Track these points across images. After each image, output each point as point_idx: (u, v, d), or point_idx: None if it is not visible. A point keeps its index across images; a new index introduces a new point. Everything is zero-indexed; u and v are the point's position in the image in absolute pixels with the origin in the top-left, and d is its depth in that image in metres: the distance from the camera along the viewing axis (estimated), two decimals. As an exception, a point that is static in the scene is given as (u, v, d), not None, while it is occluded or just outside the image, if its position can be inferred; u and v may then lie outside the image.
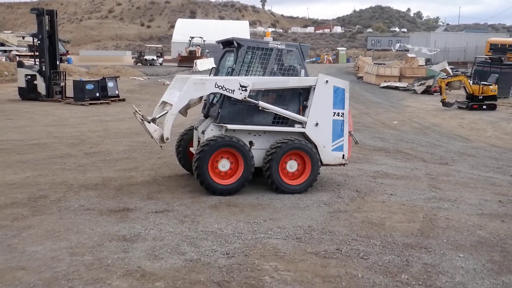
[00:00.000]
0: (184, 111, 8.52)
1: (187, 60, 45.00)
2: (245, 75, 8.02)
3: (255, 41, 8.22)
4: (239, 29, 66.02)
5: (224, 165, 7.69)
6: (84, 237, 5.83)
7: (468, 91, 22.07)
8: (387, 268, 5.26)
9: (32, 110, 18.24)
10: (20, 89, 21.82)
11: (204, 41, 49.62)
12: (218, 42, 8.99)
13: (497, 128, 17.35)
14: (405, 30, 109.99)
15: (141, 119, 7.89)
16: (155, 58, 48.26)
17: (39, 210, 6.82)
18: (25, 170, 9.14)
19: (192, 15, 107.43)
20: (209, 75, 8.51)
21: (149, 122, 7.78)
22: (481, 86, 21.80)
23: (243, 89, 7.57)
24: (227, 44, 8.57)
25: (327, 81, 8.16)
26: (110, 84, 22.21)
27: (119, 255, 5.33)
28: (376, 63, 39.40)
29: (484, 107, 21.61)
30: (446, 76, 26.07)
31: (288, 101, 8.17)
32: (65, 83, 22.22)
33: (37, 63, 22.20)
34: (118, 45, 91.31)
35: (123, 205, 7.14)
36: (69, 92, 21.87)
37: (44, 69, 21.28)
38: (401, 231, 6.44)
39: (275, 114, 8.03)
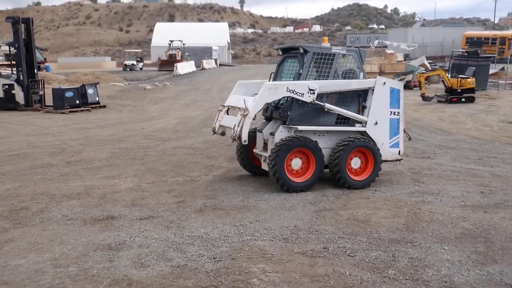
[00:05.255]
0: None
1: (167, 64, 44.77)
2: (311, 79, 8.42)
3: (319, 47, 8.73)
4: (219, 31, 66.00)
5: (296, 163, 8.15)
6: (68, 248, 5.74)
7: (446, 84, 22.37)
8: (374, 264, 5.29)
9: (11, 120, 17.93)
10: (-3, 99, 21.41)
11: (183, 44, 49.41)
12: (277, 48, 9.74)
13: (476, 120, 17.62)
14: (383, 26, 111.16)
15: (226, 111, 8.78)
16: (135, 63, 47.87)
17: (21, 222, 6.70)
18: (5, 182, 8.97)
19: (171, 19, 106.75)
20: (269, 80, 8.95)
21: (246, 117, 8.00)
22: (459, 80, 22.10)
23: (311, 92, 8.09)
24: (287, 50, 9.16)
25: (384, 83, 8.71)
26: (90, 91, 21.97)
27: (105, 265, 5.26)
28: (356, 60, 39.60)
29: (463, 100, 21.92)
30: (424, 71, 26.37)
31: (349, 102, 8.68)
32: (44, 92, 21.91)
33: (14, 72, 21.87)
34: (97, 51, 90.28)
35: (107, 213, 7.05)
36: (49, 101, 21.57)
37: (21, 78, 20.97)
38: (387, 226, 6.49)
39: (338, 114, 8.52)
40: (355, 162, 8.46)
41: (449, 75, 22.72)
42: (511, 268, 5.20)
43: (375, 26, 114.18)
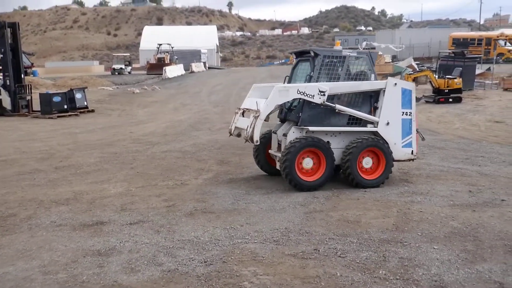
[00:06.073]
0: (267, 117, 8.95)
1: (156, 68, 44.52)
2: (322, 81, 8.59)
3: (330, 50, 9.01)
4: (207, 34, 65.86)
5: (307, 163, 8.34)
6: (57, 255, 5.68)
7: (434, 85, 22.57)
8: (365, 265, 5.31)
9: (-2, 126, 17.72)
10: (-17, 105, 21.16)
11: (172, 47, 49.25)
12: (291, 52, 10.18)
13: (463, 120, 17.80)
14: (370, 28, 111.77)
15: (242, 113, 8.95)
16: (123, 67, 47.57)
17: (9, 229, 6.62)
18: (-8, 188, 8.85)
19: (159, 22, 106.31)
20: (283, 83, 9.16)
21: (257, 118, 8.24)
22: (446, 80, 22.31)
23: (322, 94, 8.28)
24: (300, 54, 9.48)
25: (395, 84, 8.88)
26: (78, 95, 21.81)
27: (94, 271, 5.21)
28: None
29: (451, 100, 22.12)
30: (412, 72, 26.60)
31: (361, 103, 8.86)
32: (31, 97, 21.71)
33: (0, 77, 21.60)
34: (84, 55, 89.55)
35: (96, 219, 7.00)
36: (36, 106, 21.37)
37: (8, 83, 20.76)
38: (377, 227, 6.52)
39: (350, 115, 8.70)
40: (367, 162, 8.60)
41: (436, 76, 22.92)
42: (500, 266, 5.25)
43: (363, 28, 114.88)
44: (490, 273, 5.09)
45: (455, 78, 22.47)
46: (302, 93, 8.26)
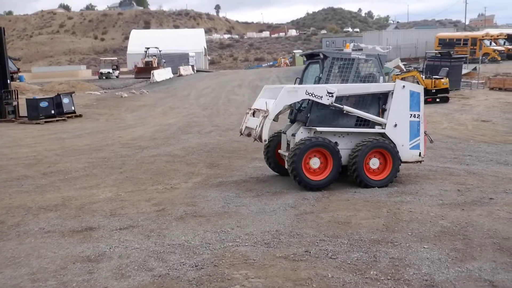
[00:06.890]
0: (276, 117, 9.02)
1: (144, 71, 44.35)
2: (331, 83, 8.77)
3: (339, 52, 9.15)
4: (195, 37, 65.76)
5: (315, 162, 8.45)
6: (46, 261, 5.61)
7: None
8: (356, 266, 5.33)
9: (-16, 133, 17.49)
10: (-31, 111, 20.90)
11: (160, 51, 49.09)
12: (302, 55, 10.53)
13: (451, 120, 17.98)
14: (357, 30, 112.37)
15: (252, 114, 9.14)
16: (110, 71, 47.28)
17: (-4, 237, 6.52)
18: (-21, 196, 8.72)
19: (146, 26, 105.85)
20: (294, 84, 9.35)
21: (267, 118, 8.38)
22: (433, 80, 22.55)
23: (330, 95, 8.43)
24: (310, 56, 9.71)
25: (404, 86, 9.00)
26: (65, 100, 21.64)
27: (84, 277, 5.15)
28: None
29: (438, 100, 22.35)
30: (399, 73, 26.81)
31: (369, 105, 8.99)
32: (17, 102, 21.50)
33: (-14, 83, 21.34)
34: (72, 59, 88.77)
35: (85, 225, 6.93)
36: (23, 111, 21.16)
37: (-6, 89, 20.51)
38: (367, 227, 6.54)
39: (358, 116, 8.82)
40: (374, 163, 8.68)
41: (423, 76, 23.14)
42: (489, 264, 5.29)
43: (350, 29, 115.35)
44: (480, 271, 5.13)
45: (441, 78, 22.71)
46: (310, 94, 8.40)
